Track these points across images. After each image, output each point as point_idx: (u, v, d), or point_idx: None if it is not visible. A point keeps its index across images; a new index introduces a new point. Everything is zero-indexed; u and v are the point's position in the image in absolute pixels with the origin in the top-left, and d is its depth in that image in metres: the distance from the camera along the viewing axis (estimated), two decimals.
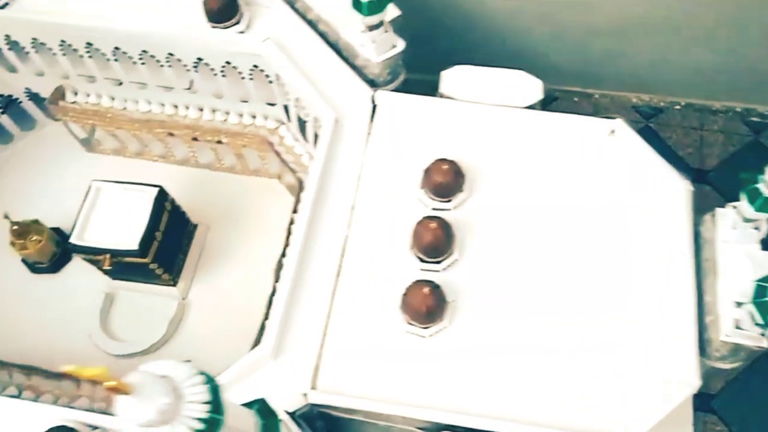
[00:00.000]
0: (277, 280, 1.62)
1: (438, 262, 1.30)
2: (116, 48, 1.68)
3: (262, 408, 0.97)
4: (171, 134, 1.91)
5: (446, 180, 1.32)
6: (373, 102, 1.50)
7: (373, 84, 1.52)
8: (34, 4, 1.67)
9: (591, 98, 2.16)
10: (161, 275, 1.75)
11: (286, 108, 1.77)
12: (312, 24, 1.59)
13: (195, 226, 1.91)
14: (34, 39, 1.70)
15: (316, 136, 1.66)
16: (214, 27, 1.60)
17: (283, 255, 1.66)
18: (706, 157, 2.13)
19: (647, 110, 2.18)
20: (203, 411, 0.67)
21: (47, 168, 2.06)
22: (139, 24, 1.61)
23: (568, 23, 1.93)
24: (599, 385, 1.19)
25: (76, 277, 1.88)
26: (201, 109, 1.85)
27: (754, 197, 1.15)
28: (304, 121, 1.65)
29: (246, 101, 1.79)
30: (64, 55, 1.74)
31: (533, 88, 1.47)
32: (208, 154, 1.99)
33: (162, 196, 1.70)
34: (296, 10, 1.61)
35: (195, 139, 1.89)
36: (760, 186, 1.14)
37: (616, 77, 2.09)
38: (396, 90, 1.54)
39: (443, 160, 1.33)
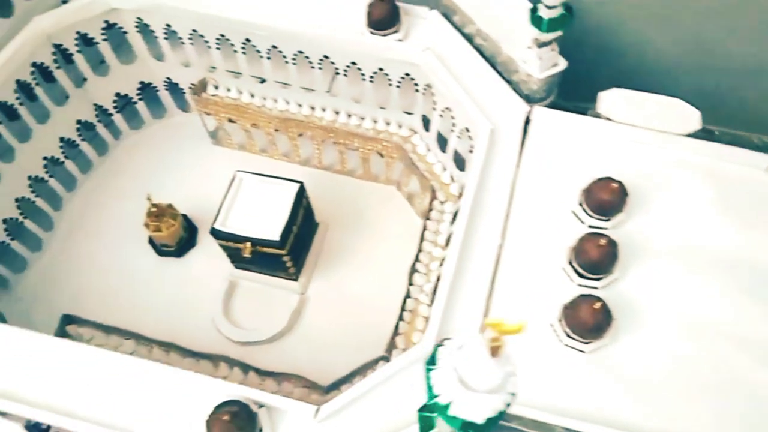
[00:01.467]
0: (411, 283, 1.66)
1: (598, 279, 1.32)
2: (273, 46, 1.75)
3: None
4: (301, 134, 1.96)
5: (611, 199, 1.34)
6: (528, 117, 1.53)
7: (528, 100, 1.55)
8: None
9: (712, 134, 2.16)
10: (289, 268, 1.79)
11: (423, 118, 1.81)
12: (468, 37, 1.64)
13: (317, 225, 1.96)
14: (194, 31, 1.78)
15: (455, 151, 1.70)
16: (373, 33, 1.65)
17: (417, 260, 1.70)
18: None
19: None
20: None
21: (174, 155, 2.12)
22: (301, 25, 1.68)
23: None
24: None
25: (199, 263, 1.94)
26: (337, 112, 1.91)
27: None
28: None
29: (383, 108, 1.85)
30: (218, 48, 1.82)
31: (691, 116, 1.49)
32: (333, 156, 2.04)
33: (301, 191, 1.75)
34: (453, 23, 1.66)
35: (325, 140, 1.95)
36: None
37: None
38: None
39: (610, 179, 1.35)
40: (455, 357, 0.66)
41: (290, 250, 1.73)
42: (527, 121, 1.54)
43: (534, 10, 1.38)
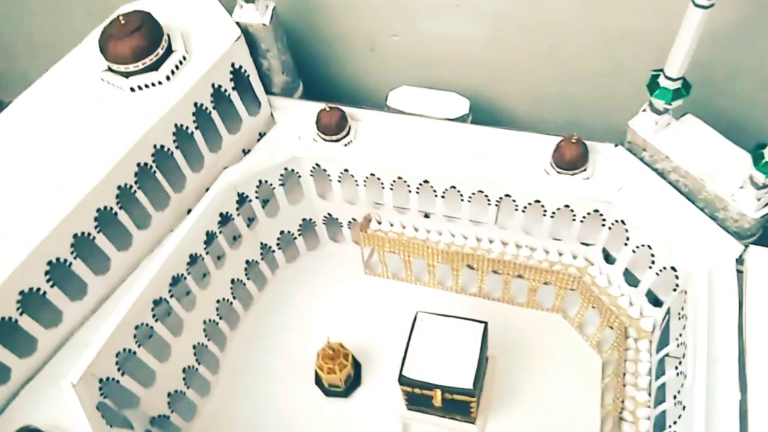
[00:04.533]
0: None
1: None
2: (452, 186, 1.75)
3: None
4: (470, 266, 1.93)
5: None
6: (741, 255, 1.47)
7: (737, 237, 1.50)
8: (373, 142, 1.78)
9: None
10: (472, 412, 1.71)
11: (605, 250, 1.76)
12: (661, 174, 1.61)
13: (487, 359, 1.89)
14: (371, 174, 1.80)
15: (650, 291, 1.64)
16: (560, 173, 1.64)
17: (623, 407, 1.60)
18: None
19: None
20: None
21: (328, 286, 2.11)
22: (481, 168, 1.68)
23: None
24: None
25: (367, 404, 1.87)
26: (505, 243, 1.88)
27: None
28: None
29: (558, 239, 1.81)
30: (391, 189, 1.83)
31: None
32: (494, 284, 1.99)
33: (486, 331, 1.69)
34: (641, 159, 1.64)
35: (495, 272, 1.91)
36: None
37: None
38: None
39: None
40: None
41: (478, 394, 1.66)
42: (740, 260, 1.47)
43: (761, 156, 1.34)
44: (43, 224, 1.36)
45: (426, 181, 1.77)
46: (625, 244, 1.66)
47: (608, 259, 1.78)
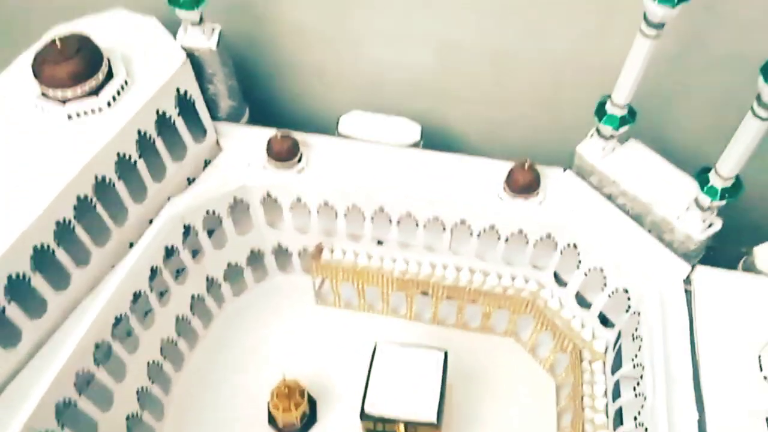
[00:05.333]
0: None
1: None
2: (407, 213, 1.73)
3: None
4: (425, 293, 1.92)
5: None
6: (689, 276, 1.53)
7: (685, 259, 1.56)
8: (326, 169, 1.74)
9: None
10: None
11: (555, 274, 1.79)
12: (609, 197, 1.66)
13: None
14: (325, 202, 1.76)
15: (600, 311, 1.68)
16: (514, 197, 1.66)
17: (582, 425, 1.62)
18: None
19: None
20: None
21: (277, 319, 2.03)
22: (437, 194, 1.68)
23: None
24: None
25: None
26: (459, 269, 1.88)
27: None
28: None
29: (511, 263, 1.83)
30: (345, 216, 1.79)
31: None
32: (448, 310, 1.98)
33: (446, 360, 1.67)
34: (590, 183, 1.69)
35: (449, 298, 1.90)
36: None
37: None
38: None
39: None
40: None
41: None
42: (687, 280, 1.53)
43: (706, 180, 1.41)
44: None
45: (381, 209, 1.74)
46: (577, 267, 1.69)
47: (559, 281, 1.81)
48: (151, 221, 1.64)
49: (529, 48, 1.74)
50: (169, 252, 1.68)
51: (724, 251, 1.64)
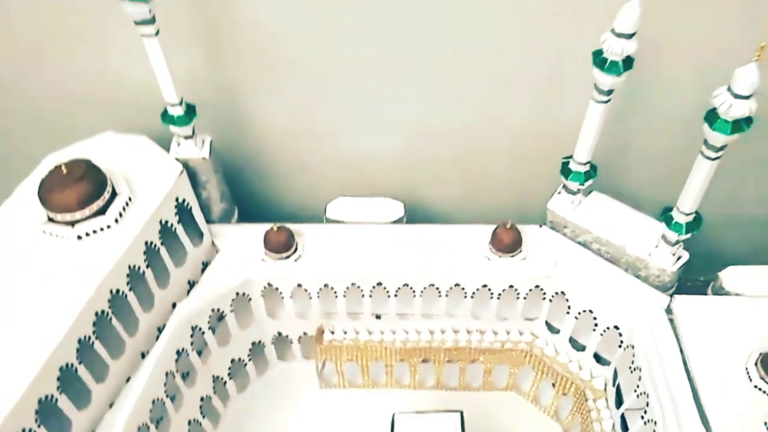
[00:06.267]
0: None
1: None
2: (404, 284, 1.83)
3: None
4: (425, 360, 1.99)
5: None
6: (669, 306, 1.68)
7: (662, 291, 1.71)
8: (322, 253, 1.83)
9: None
10: None
11: (547, 323, 1.91)
12: (584, 245, 1.82)
13: None
14: (324, 285, 1.84)
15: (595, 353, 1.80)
16: (501, 257, 1.79)
17: None
18: None
19: None
20: None
21: (282, 412, 2.04)
22: (431, 263, 1.79)
23: None
24: None
25: None
26: (456, 331, 1.97)
27: None
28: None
29: (504, 318, 1.94)
30: (344, 296, 1.87)
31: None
32: (451, 373, 2.06)
33: (463, 419, 1.74)
34: (564, 235, 1.85)
35: (449, 361, 1.98)
36: None
37: None
38: None
39: None
40: None
41: None
42: (668, 310, 1.68)
43: (671, 218, 1.58)
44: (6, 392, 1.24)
45: (379, 284, 1.83)
46: (567, 313, 1.82)
47: (551, 329, 1.93)
48: (158, 328, 1.67)
49: (490, 123, 1.92)
50: (179, 354, 1.71)
51: (686, 281, 1.81)
